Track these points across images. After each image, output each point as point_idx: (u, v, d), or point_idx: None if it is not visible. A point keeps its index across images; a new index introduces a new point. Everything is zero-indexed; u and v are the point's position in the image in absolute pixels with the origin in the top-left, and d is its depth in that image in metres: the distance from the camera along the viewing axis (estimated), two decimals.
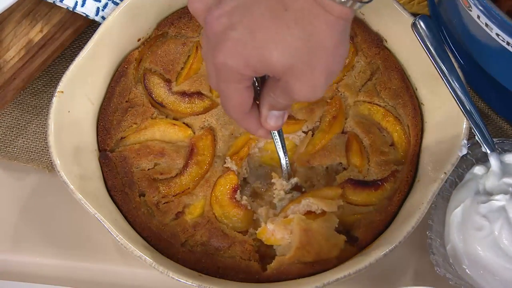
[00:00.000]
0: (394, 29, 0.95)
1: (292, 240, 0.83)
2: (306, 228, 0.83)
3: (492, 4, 0.75)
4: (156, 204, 0.89)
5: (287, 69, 0.65)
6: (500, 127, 1.01)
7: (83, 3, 0.99)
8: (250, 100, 0.72)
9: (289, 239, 0.84)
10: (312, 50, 0.64)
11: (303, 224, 0.83)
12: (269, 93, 0.72)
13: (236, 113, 0.73)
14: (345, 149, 0.91)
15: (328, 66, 0.66)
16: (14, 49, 0.98)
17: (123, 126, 0.93)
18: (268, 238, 0.85)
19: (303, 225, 0.83)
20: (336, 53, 0.65)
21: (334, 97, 0.95)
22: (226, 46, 0.65)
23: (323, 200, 0.85)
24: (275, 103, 0.72)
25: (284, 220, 0.85)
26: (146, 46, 0.98)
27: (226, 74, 0.67)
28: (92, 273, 0.95)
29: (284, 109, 0.75)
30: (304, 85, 0.66)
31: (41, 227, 0.98)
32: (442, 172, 0.83)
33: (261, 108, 0.74)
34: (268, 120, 0.75)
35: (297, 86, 0.66)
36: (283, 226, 0.84)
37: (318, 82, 0.66)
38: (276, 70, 0.65)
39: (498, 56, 0.84)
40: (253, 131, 0.77)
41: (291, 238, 0.84)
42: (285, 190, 0.91)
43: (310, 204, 0.86)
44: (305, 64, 0.64)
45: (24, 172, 1.02)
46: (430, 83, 0.92)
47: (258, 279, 0.84)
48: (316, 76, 0.65)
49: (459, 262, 0.83)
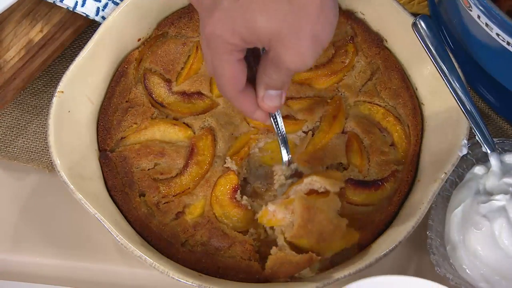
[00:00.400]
0: (394, 29, 0.95)
1: (294, 219, 0.81)
2: (308, 206, 0.80)
3: (492, 4, 0.75)
4: (156, 204, 0.89)
5: (273, 35, 0.65)
6: (500, 127, 1.01)
7: (83, 3, 0.99)
8: (243, 76, 0.72)
9: (290, 218, 0.82)
10: (297, 15, 0.64)
11: (305, 202, 0.81)
12: (263, 71, 0.72)
13: (231, 90, 0.73)
14: (345, 149, 0.91)
15: (314, 31, 0.66)
16: (14, 49, 0.98)
17: (123, 126, 0.93)
18: (269, 219, 0.83)
19: (305, 203, 0.81)
20: (322, 17, 0.66)
21: (334, 97, 0.95)
22: (214, 16, 0.66)
23: (326, 179, 0.83)
24: (270, 80, 0.72)
25: (285, 200, 0.83)
26: (146, 46, 0.98)
27: (216, 44, 0.68)
28: (92, 273, 0.95)
29: (280, 87, 0.74)
30: (291, 52, 0.66)
31: (41, 227, 0.98)
32: (443, 172, 0.83)
33: (257, 88, 0.74)
34: (265, 100, 0.74)
35: (284, 54, 0.66)
36: (284, 206, 0.82)
37: (305, 49, 0.66)
38: (262, 37, 0.66)
39: (498, 56, 0.84)
40: (250, 113, 0.76)
41: (292, 217, 0.81)
42: (285, 175, 0.90)
43: (313, 182, 0.83)
44: (290, 30, 0.65)
45: (24, 172, 1.02)
46: (430, 83, 0.92)
47: (258, 279, 0.84)
48: (302, 42, 0.66)
49: (459, 262, 0.83)
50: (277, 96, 0.75)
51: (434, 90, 0.91)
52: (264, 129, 0.93)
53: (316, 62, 0.97)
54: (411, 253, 0.93)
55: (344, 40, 0.98)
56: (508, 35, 0.76)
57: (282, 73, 0.71)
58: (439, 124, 0.90)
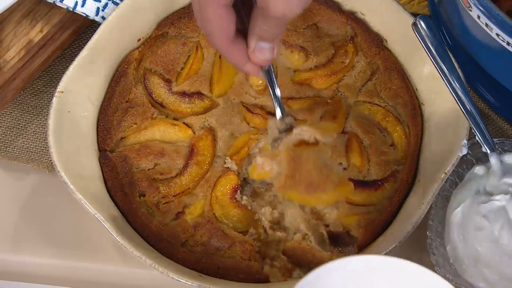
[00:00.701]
0: (394, 29, 0.95)
1: (281, 169, 0.80)
2: (293, 156, 0.79)
3: (492, 4, 0.75)
4: (156, 204, 0.89)
5: None
6: (500, 127, 1.01)
7: (83, 3, 0.99)
8: (231, 22, 0.71)
9: (277, 169, 0.80)
10: None
11: (291, 153, 0.79)
12: (254, 22, 0.71)
13: (220, 39, 0.72)
14: (345, 149, 0.91)
15: None
16: (14, 49, 0.98)
17: (123, 126, 0.93)
18: (259, 173, 0.82)
19: (291, 153, 0.79)
20: None
21: (334, 97, 0.95)
22: None
23: (317, 129, 0.81)
24: (260, 31, 0.72)
25: (273, 152, 0.82)
26: (146, 46, 0.98)
27: None
28: (92, 273, 0.95)
29: (271, 39, 0.73)
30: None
31: (41, 227, 0.98)
32: (442, 172, 0.83)
33: (248, 39, 0.74)
34: (255, 52, 0.74)
35: (272, 1, 0.65)
36: (271, 158, 0.81)
37: None
38: None
39: (498, 56, 0.84)
40: (241, 65, 0.76)
41: (279, 169, 0.80)
42: (279, 129, 0.86)
43: (303, 132, 0.81)
44: None
45: (24, 172, 1.02)
46: (430, 83, 0.92)
47: (258, 279, 0.84)
48: None
49: (459, 262, 0.83)
50: (269, 49, 0.74)
51: (434, 90, 0.91)
52: (264, 129, 0.93)
53: (316, 62, 0.97)
54: (411, 253, 0.93)
55: (344, 40, 0.98)
56: (508, 35, 0.76)
57: (271, 23, 0.70)
58: (439, 124, 0.90)
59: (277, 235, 0.89)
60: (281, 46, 0.97)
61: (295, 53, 0.98)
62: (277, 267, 0.87)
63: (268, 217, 0.89)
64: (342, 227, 0.88)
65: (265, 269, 0.86)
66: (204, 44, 0.98)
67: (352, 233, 0.87)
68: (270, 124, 0.87)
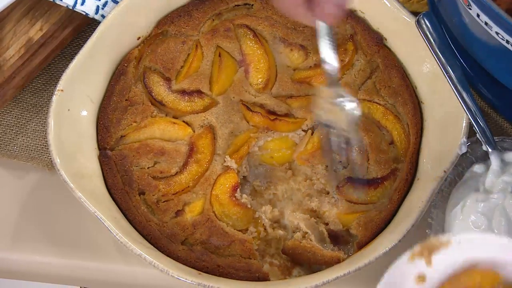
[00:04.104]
0: (394, 28, 0.95)
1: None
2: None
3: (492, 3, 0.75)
4: (156, 203, 0.89)
5: None
6: (500, 125, 1.01)
7: (83, 1, 0.99)
8: None
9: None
10: None
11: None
12: None
13: None
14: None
15: None
16: (14, 48, 0.98)
17: (123, 124, 0.93)
18: None
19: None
20: None
21: None
22: None
23: None
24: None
25: None
26: (146, 45, 0.98)
27: None
28: (91, 271, 0.95)
29: None
30: None
31: (40, 226, 0.98)
32: (442, 171, 0.83)
33: None
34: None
35: None
36: None
37: None
38: None
39: (498, 55, 0.84)
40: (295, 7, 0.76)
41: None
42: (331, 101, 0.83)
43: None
44: None
45: (24, 171, 1.02)
46: (430, 81, 0.92)
47: (258, 277, 0.84)
48: None
49: None
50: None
51: (434, 88, 0.91)
52: (263, 127, 0.93)
53: (316, 61, 0.97)
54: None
55: (344, 39, 0.98)
56: (508, 33, 0.76)
57: None
58: (439, 122, 0.90)
59: (277, 233, 0.90)
60: (280, 45, 0.97)
61: (294, 52, 0.98)
62: (277, 265, 0.87)
63: (268, 216, 0.89)
64: (342, 225, 0.88)
65: (265, 268, 0.86)
66: (204, 42, 0.98)
67: (352, 231, 0.87)
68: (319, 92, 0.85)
